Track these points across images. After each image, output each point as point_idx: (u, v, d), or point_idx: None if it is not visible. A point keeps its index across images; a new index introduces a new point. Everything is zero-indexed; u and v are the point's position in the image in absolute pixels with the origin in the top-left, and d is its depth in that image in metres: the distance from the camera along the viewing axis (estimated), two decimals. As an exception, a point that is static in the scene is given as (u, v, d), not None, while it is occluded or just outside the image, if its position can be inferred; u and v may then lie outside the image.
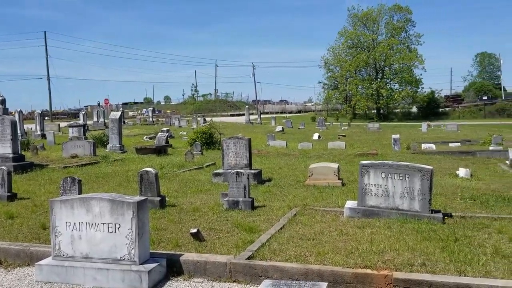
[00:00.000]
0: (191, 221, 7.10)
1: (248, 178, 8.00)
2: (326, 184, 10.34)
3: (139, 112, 70.98)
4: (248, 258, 5.06)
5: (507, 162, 13.65)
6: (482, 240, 5.59)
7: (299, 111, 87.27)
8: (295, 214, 7.20)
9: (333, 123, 48.10)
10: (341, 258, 4.94)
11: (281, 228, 6.32)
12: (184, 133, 29.96)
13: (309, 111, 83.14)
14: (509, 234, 5.79)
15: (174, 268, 5.20)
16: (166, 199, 8.43)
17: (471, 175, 11.84)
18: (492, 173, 12.51)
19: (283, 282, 4.05)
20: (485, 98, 68.58)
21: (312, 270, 4.65)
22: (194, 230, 5.98)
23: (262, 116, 53.41)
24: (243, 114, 50.35)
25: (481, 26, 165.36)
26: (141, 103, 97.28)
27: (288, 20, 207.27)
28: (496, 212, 7.35)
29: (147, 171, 8.10)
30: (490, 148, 18.12)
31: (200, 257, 5.23)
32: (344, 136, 28.92)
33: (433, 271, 4.52)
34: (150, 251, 5.28)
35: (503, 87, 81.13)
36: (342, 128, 39.33)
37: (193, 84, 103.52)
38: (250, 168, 11.18)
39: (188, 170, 13.12)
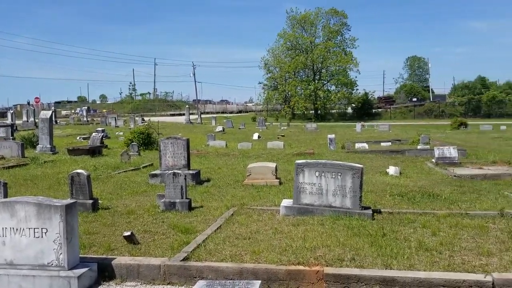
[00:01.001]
0: (125, 224, 6.91)
1: (185, 178, 7.92)
2: (264, 184, 10.47)
3: (73, 111, 67.88)
4: (183, 259, 5.02)
5: (433, 160, 14.52)
6: (407, 235, 5.92)
7: (240, 111, 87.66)
8: (232, 214, 7.23)
9: (273, 123, 48.78)
10: (275, 256, 5.03)
11: (217, 228, 6.32)
12: (121, 133, 29.06)
13: (249, 111, 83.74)
14: (432, 229, 6.16)
15: (106, 272, 5.04)
16: (99, 201, 8.15)
17: (400, 173, 12.48)
18: (419, 171, 13.25)
19: (217, 282, 4.05)
20: (414, 99, 72.60)
21: (246, 269, 4.70)
22: (128, 233, 5.83)
23: (202, 116, 53.09)
24: (183, 114, 49.81)
25: (412, 31, 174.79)
26: (75, 102, 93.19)
27: (228, 20, 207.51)
28: (422, 208, 7.80)
29: (78, 173, 7.78)
30: (418, 147, 19.17)
31: (133, 260, 5.11)
32: (283, 136, 29.42)
33: (362, 265, 4.72)
34: (81, 255, 5.09)
35: (431, 89, 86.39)
36: (282, 128, 40.00)
37: (131, 83, 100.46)
38: (189, 169, 11.08)
39: (124, 171, 12.76)
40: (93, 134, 21.11)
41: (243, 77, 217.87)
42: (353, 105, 69.20)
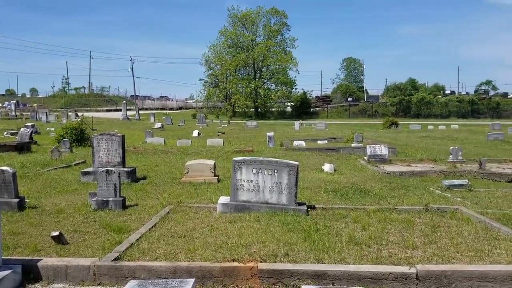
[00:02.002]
0: (54, 223, 6.59)
1: (119, 176, 7.67)
2: (202, 181, 10.40)
3: (0, 105, 63.57)
4: (115, 259, 4.86)
5: (366, 158, 15.14)
6: (339, 229, 6.12)
7: (180, 108, 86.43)
8: (168, 212, 7.12)
9: (214, 121, 48.55)
10: (210, 253, 5.01)
11: (152, 227, 6.19)
12: (52, 129, 27.61)
13: (190, 108, 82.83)
14: (363, 223, 6.42)
15: (31, 274, 4.77)
16: (26, 200, 7.70)
17: (335, 170, 12.89)
18: (352, 168, 13.76)
19: (150, 281, 3.97)
20: (350, 99, 75.26)
21: (181, 267, 4.64)
22: (56, 233, 5.56)
23: (141, 112, 51.61)
24: (120, 110, 48.08)
25: (348, 33, 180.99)
26: (3, 95, 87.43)
27: (169, 15, 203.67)
28: (354, 203, 8.11)
29: (3, 170, 7.30)
30: (352, 145, 19.90)
31: (61, 261, 4.88)
32: (224, 133, 29.37)
33: (295, 260, 4.82)
34: (3, 257, 4.79)
35: (366, 90, 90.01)
36: (222, 125, 39.93)
37: (64, 76, 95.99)
38: (124, 166, 10.76)
39: (54, 168, 12.14)
40: (22, 129, 19.88)
41: (184, 74, 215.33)
42: (292, 103, 70.56)
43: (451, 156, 14.59)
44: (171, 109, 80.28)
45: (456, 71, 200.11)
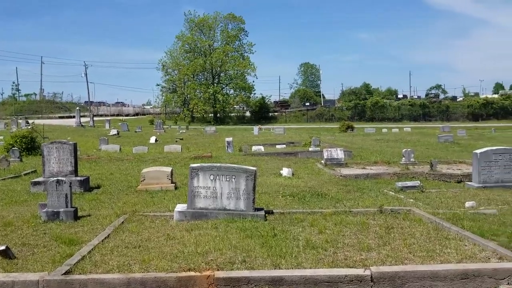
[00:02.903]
0: (1, 237, 6.27)
1: (70, 186, 7.39)
2: (159, 189, 10.23)
3: None
4: (65, 273, 4.66)
5: (322, 161, 15.38)
6: (296, 234, 6.15)
7: (137, 114, 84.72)
8: (122, 222, 6.92)
9: (172, 126, 47.96)
10: (166, 263, 4.90)
11: (105, 238, 6.00)
12: (1, 137, 26.32)
13: (147, 114, 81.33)
14: (319, 227, 6.48)
15: (-27, 294, 4.50)
16: (-31, 214, 7.28)
17: (293, 174, 13.01)
18: (310, 172, 13.94)
19: (101, 295, 3.83)
20: (307, 104, 76.36)
21: (134, 279, 4.51)
22: (2, 247, 5.27)
23: (95, 118, 50.22)
24: (74, 117, 46.58)
25: (305, 39, 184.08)
26: None
27: (124, 19, 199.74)
28: (311, 207, 8.20)
29: None
30: (310, 149, 20.18)
31: (7, 277, 4.63)
32: (182, 139, 29.03)
33: (252, 267, 4.80)
34: None
35: (322, 94, 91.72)
36: (180, 131, 39.46)
37: (14, 83, 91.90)
38: (76, 175, 10.41)
39: (2, 179, 11.58)
40: (-34, 138, 18.86)
41: (141, 79, 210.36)
42: (251, 108, 70.82)
43: (404, 158, 15.07)
44: (127, 115, 78.54)
45: (408, 75, 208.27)
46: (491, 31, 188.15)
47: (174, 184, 10.51)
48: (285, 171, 13.01)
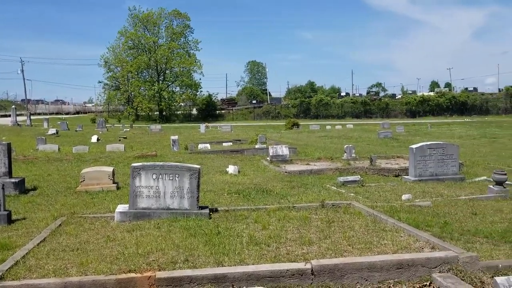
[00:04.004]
0: None
1: (3, 188, 6.99)
2: (100, 189, 9.91)
3: None
4: (-5, 280, 4.40)
5: (268, 158, 15.54)
6: (240, 231, 6.17)
7: (78, 112, 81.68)
8: (60, 225, 6.63)
9: (115, 125, 46.65)
10: (105, 265, 4.75)
11: (41, 242, 5.72)
12: None
13: (89, 112, 78.59)
14: (263, 223, 6.54)
15: None
16: None
17: (239, 171, 13.05)
18: (256, 169, 14.04)
19: (34, 302, 3.65)
20: (254, 102, 76.89)
21: (71, 283, 4.34)
22: None
23: (33, 117, 47.85)
24: (9, 115, 44.09)
25: (251, 37, 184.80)
26: None
27: (63, 13, 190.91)
28: (255, 204, 8.26)
29: None
30: (256, 146, 20.32)
31: None
32: (125, 138, 28.30)
33: (195, 265, 4.76)
34: None
35: (269, 92, 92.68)
36: (124, 130, 38.47)
37: None
38: (10, 177, 9.85)
39: None
40: None
41: (82, 76, 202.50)
42: (198, 106, 70.26)
43: (345, 154, 15.54)
44: (67, 113, 75.47)
45: (350, 74, 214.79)
46: (427, 31, 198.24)
47: (116, 184, 10.22)
48: (231, 169, 13.02)
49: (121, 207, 7.13)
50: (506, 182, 9.51)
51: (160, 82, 66.42)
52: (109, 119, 54.58)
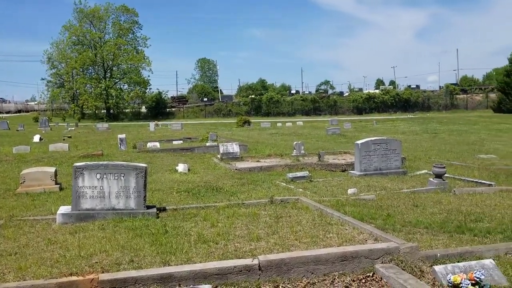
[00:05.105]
0: None
1: None
2: (42, 190, 9.50)
3: None
4: None
5: (219, 156, 15.50)
6: (188, 229, 6.11)
7: (20, 111, 77.82)
8: (-4, 229, 6.29)
9: (59, 124, 44.81)
10: (45, 269, 4.55)
11: (-25, 248, 5.40)
12: None
13: (31, 111, 75.03)
14: (212, 221, 6.51)
15: None
16: None
17: (189, 170, 12.92)
18: (206, 167, 13.96)
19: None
20: (205, 99, 76.35)
21: (7, 290, 4.12)
22: None
23: (-32, 116, 45.10)
24: None
25: (201, 34, 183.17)
26: None
27: (4, 7, 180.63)
28: (205, 202, 8.21)
29: None
30: (207, 144, 20.21)
31: None
32: (70, 137, 27.27)
33: (140, 266, 4.65)
34: None
35: (220, 90, 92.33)
36: (69, 129, 37.03)
37: None
38: None
39: None
40: None
41: (24, 73, 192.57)
42: (147, 104, 68.82)
43: (295, 150, 15.78)
44: (8, 112, 71.72)
45: (300, 72, 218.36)
46: (373, 31, 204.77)
47: (59, 185, 9.83)
48: (181, 167, 12.87)
49: (64, 209, 6.87)
50: (445, 175, 10.02)
51: (107, 79, 64.43)
52: (53, 118, 52.43)
